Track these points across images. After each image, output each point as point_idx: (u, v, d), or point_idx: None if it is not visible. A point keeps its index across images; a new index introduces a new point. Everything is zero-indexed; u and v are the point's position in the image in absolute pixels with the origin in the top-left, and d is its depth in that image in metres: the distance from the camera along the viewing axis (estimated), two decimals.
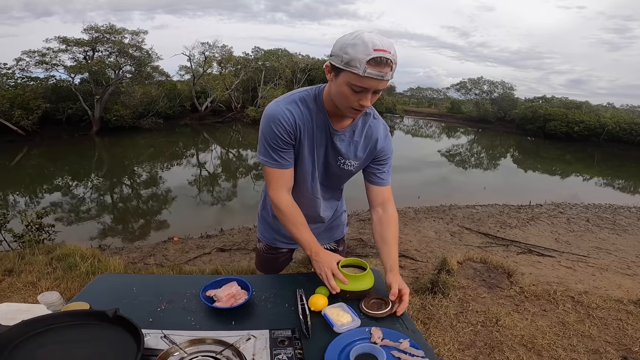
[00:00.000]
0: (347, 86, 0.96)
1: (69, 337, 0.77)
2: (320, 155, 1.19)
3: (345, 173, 1.24)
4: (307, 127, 1.12)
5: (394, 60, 0.92)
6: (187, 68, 22.46)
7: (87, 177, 11.14)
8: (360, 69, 0.90)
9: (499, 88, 32.66)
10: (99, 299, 1.08)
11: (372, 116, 1.20)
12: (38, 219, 4.26)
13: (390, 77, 0.94)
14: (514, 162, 17.76)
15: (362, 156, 1.20)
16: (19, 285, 2.45)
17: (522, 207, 7.92)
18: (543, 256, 4.80)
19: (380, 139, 1.20)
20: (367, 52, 0.89)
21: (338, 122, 1.14)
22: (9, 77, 17.80)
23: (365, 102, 0.97)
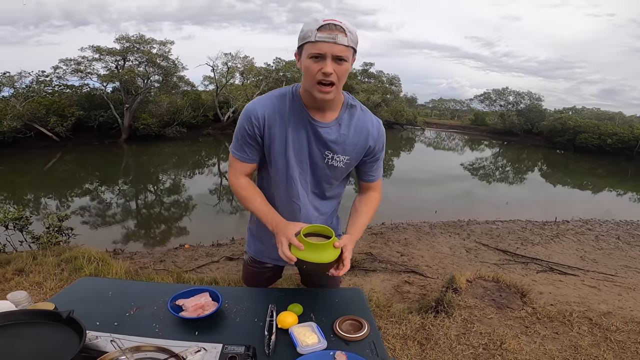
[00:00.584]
0: (307, 59, 1.00)
1: (17, 334, 0.80)
2: (303, 151, 1.13)
3: (333, 171, 1.17)
4: (282, 118, 1.11)
5: (345, 27, 0.97)
6: (211, 78, 23.18)
7: (113, 183, 11.60)
8: (312, 37, 0.97)
9: (526, 99, 31.54)
10: (72, 301, 1.10)
11: (359, 108, 1.17)
12: (59, 222, 4.45)
13: (345, 42, 0.97)
14: (541, 176, 17.07)
15: (352, 151, 1.15)
16: (25, 284, 2.55)
17: (547, 223, 7.56)
18: (565, 275, 4.57)
19: (371, 134, 1.16)
20: (317, 23, 0.97)
21: (320, 115, 1.12)
22: (46, 85, 18.96)
23: (326, 69, 0.98)
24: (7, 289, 2.63)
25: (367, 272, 4.33)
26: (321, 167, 1.16)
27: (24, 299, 0.94)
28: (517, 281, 3.07)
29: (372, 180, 1.27)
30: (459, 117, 42.45)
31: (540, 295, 3.12)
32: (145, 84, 19.63)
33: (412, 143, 26.95)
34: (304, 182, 1.19)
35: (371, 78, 32.25)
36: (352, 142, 1.14)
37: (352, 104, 1.16)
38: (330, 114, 1.12)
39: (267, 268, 1.40)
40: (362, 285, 3.82)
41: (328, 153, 1.13)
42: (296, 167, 1.15)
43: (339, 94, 1.10)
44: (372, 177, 1.26)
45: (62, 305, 0.99)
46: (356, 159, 1.18)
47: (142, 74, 19.14)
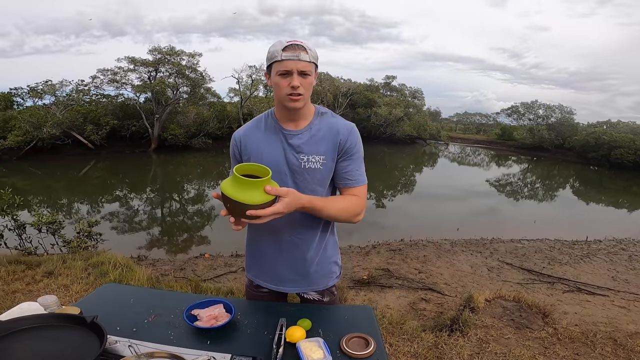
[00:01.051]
0: (276, 76, 1.13)
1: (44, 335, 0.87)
2: (280, 160, 1.19)
3: (313, 174, 1.19)
4: (257, 135, 1.24)
5: (306, 46, 1.11)
6: (236, 90, 23.85)
7: (141, 191, 12.08)
8: (279, 56, 1.10)
9: (557, 112, 30.27)
10: (96, 305, 1.17)
11: (330, 114, 1.27)
12: (89, 227, 4.68)
13: (307, 59, 1.10)
14: (573, 193, 16.33)
15: (325, 149, 1.19)
16: (53, 286, 2.70)
17: (577, 242, 7.23)
18: (594, 295, 4.41)
19: (342, 131, 1.21)
20: (282, 44, 1.11)
21: (293, 125, 1.22)
22: (85, 94, 20.09)
23: (294, 83, 1.10)
24: (36, 291, 2.80)
25: (382, 288, 4.30)
26: (300, 172, 1.20)
27: (53, 303, 1.02)
28: (539, 301, 2.99)
29: (351, 185, 1.23)
30: (485, 132, 41.36)
31: (565, 315, 3.03)
32: (175, 95, 20.45)
33: (435, 158, 26.50)
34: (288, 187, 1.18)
35: (393, 91, 32.17)
36: (322, 140, 1.20)
37: (323, 112, 1.27)
38: (302, 123, 1.22)
39: (264, 293, 1.37)
40: (376, 301, 3.79)
41: (303, 156, 1.19)
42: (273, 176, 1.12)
43: (309, 104, 1.22)
44: (349, 181, 1.23)
45: (87, 309, 1.07)
46: (333, 158, 1.20)
47: (172, 85, 19.95)
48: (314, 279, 1.32)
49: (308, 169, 1.20)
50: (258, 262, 1.34)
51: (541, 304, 2.86)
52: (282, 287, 1.32)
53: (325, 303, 1.36)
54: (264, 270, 1.33)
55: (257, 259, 1.34)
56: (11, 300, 2.56)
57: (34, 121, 16.60)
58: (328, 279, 1.35)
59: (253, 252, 1.35)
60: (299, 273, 1.30)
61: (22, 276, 3.02)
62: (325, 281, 1.34)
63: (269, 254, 1.29)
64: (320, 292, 1.35)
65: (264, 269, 1.32)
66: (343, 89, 27.11)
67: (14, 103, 19.76)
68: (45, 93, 18.95)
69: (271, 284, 1.32)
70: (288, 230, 1.24)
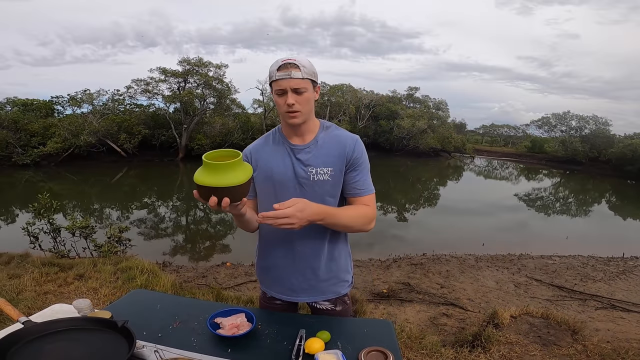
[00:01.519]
0: (275, 95, 1.19)
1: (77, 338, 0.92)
2: (288, 173, 1.24)
3: (321, 186, 1.22)
4: (266, 150, 1.29)
5: (299, 63, 1.14)
6: (260, 101, 24.36)
7: (168, 199, 12.49)
8: (274, 76, 1.16)
9: (591, 124, 29.07)
10: (125, 310, 1.23)
11: (334, 127, 1.31)
12: (119, 233, 4.87)
13: (300, 76, 1.14)
14: (609, 209, 15.51)
15: (332, 161, 1.22)
16: (83, 289, 2.83)
17: (612, 259, 6.95)
18: (629, 312, 4.24)
19: (348, 143, 1.24)
20: (277, 64, 1.16)
21: (299, 139, 1.27)
22: (120, 103, 21.10)
23: (288, 101, 1.15)
24: (67, 293, 2.93)
25: (402, 302, 4.24)
26: (309, 185, 1.23)
27: (87, 306, 1.08)
28: (569, 318, 2.88)
29: (359, 194, 1.26)
30: (514, 144, 40.15)
31: (597, 332, 2.91)
32: (202, 106, 21.13)
33: (460, 171, 25.86)
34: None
35: (416, 103, 31.88)
36: (329, 152, 1.23)
37: (327, 126, 1.31)
38: (308, 137, 1.26)
39: (278, 305, 1.39)
40: (396, 315, 3.74)
41: (311, 169, 1.22)
42: (283, 188, 1.24)
43: (311, 119, 1.25)
44: (357, 191, 1.26)
45: (117, 314, 1.12)
46: (340, 169, 1.23)
47: (200, 95, 20.66)
48: (325, 287, 1.33)
49: (317, 181, 1.23)
50: (269, 273, 1.36)
51: (571, 321, 2.76)
52: (295, 297, 1.34)
53: (337, 312, 1.36)
54: (276, 281, 1.35)
55: (268, 271, 1.36)
56: (42, 301, 2.69)
57: (73, 129, 17.60)
58: (340, 288, 1.36)
59: (264, 264, 1.37)
60: (310, 282, 1.31)
61: (54, 278, 3.18)
62: (337, 289, 1.36)
63: (280, 265, 1.31)
64: (333, 301, 1.36)
65: (276, 279, 1.35)
66: (365, 101, 27.10)
67: (54, 111, 21.07)
68: (83, 102, 20.08)
69: (284, 294, 1.34)
70: (298, 240, 1.26)
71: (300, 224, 1.07)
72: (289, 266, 1.30)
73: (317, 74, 1.22)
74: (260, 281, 1.43)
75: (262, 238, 1.35)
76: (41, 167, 17.24)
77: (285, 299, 1.35)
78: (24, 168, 16.64)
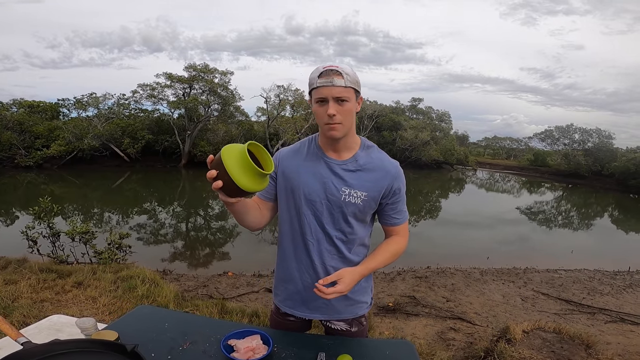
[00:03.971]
0: (315, 103, 1.11)
1: None
2: (318, 188, 1.16)
3: (350, 208, 1.16)
4: (298, 160, 1.21)
5: (342, 70, 1.07)
6: (264, 109, 24.38)
7: (168, 205, 12.42)
8: (315, 84, 1.09)
9: (594, 137, 29.02)
10: (131, 329, 1.15)
11: (376, 150, 1.23)
12: (119, 240, 4.80)
13: (343, 84, 1.06)
14: (612, 222, 15.40)
15: (370, 187, 1.15)
16: (81, 297, 2.74)
17: (618, 273, 6.95)
18: (638, 325, 4.25)
19: (390, 172, 1.17)
20: (318, 71, 1.09)
21: (336, 155, 1.18)
22: (125, 107, 21.15)
23: (330, 111, 1.06)
24: (64, 301, 2.84)
25: (408, 315, 4.16)
26: (337, 204, 1.16)
27: (91, 326, 1.00)
28: (582, 332, 2.83)
29: (395, 224, 1.23)
30: (516, 157, 40.11)
31: (608, 345, 2.84)
32: (206, 112, 21.18)
33: (462, 184, 25.77)
34: (319, 219, 1.18)
35: (420, 114, 31.94)
36: (369, 177, 1.15)
37: (369, 145, 1.22)
38: (346, 154, 1.18)
39: (290, 321, 1.32)
40: (402, 329, 3.66)
41: (345, 189, 1.15)
42: (309, 203, 1.17)
43: (352, 135, 1.17)
44: (396, 219, 1.23)
45: (123, 332, 1.05)
46: (374, 198, 1.16)
47: (204, 102, 20.71)
48: (342, 308, 1.27)
49: (347, 203, 1.15)
50: (287, 286, 1.28)
51: (584, 335, 2.71)
52: (310, 314, 1.28)
53: (352, 333, 1.30)
54: (292, 296, 1.28)
55: (285, 283, 1.29)
56: (39, 309, 2.61)
57: (77, 132, 17.65)
58: (358, 309, 1.30)
59: (282, 276, 1.30)
60: (327, 301, 1.23)
61: (52, 285, 3.10)
62: (354, 310, 1.29)
63: (298, 279, 1.24)
64: (349, 321, 1.30)
65: (293, 294, 1.27)
66: (369, 111, 27.13)
67: (60, 113, 21.16)
68: (89, 105, 20.18)
69: (298, 310, 1.28)
70: (319, 258, 1.21)
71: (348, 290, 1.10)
72: (306, 282, 1.23)
73: (360, 83, 1.14)
74: (275, 294, 1.36)
75: (282, 250, 1.28)
76: (44, 169, 17.24)
77: (299, 314, 1.29)
78: (27, 170, 16.64)
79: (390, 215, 1.22)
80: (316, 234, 1.19)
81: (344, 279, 1.06)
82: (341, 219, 1.17)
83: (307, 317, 1.29)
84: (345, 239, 1.20)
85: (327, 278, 1.06)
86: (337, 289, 1.04)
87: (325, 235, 1.19)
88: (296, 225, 1.20)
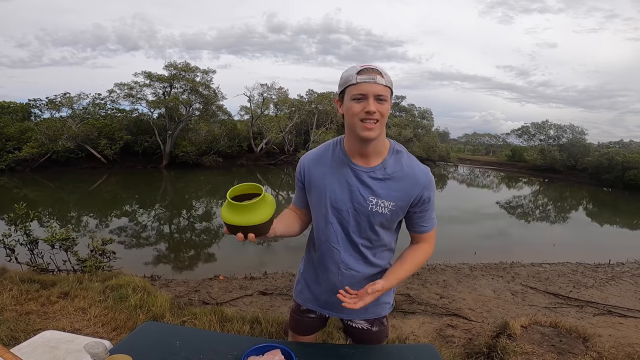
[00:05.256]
0: (350, 100, 1.05)
1: None
2: (344, 196, 1.14)
3: (377, 217, 1.13)
4: (323, 166, 1.18)
5: (381, 70, 1.05)
6: (247, 108, 24.09)
7: (150, 207, 12.04)
8: (353, 80, 1.04)
9: (568, 132, 30.00)
10: (143, 350, 1.06)
11: (405, 154, 1.17)
12: (102, 246, 4.58)
13: (384, 82, 1.03)
14: (587, 215, 16.02)
15: (398, 197, 1.12)
16: (70, 309, 2.58)
17: (600, 265, 7.16)
18: (625, 317, 4.36)
19: (420, 181, 1.13)
20: (356, 69, 1.06)
21: (364, 161, 1.13)
22: (101, 107, 20.36)
23: (369, 108, 1.02)
24: (52, 313, 2.67)
25: (405, 314, 4.16)
26: (364, 213, 1.13)
27: (102, 351, 0.91)
28: (578, 326, 2.91)
29: (423, 232, 1.21)
30: (494, 153, 41.16)
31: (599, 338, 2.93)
32: (187, 112, 20.69)
33: (445, 180, 26.21)
34: (345, 228, 1.17)
35: (402, 112, 32.32)
36: (397, 187, 1.12)
37: (399, 150, 1.17)
38: (374, 160, 1.13)
39: (310, 318, 1.36)
40: (400, 328, 3.65)
41: (372, 198, 1.11)
42: (335, 212, 1.15)
43: (384, 137, 1.12)
44: (424, 227, 1.20)
45: (133, 353, 0.96)
46: (402, 207, 1.13)
47: (186, 101, 20.21)
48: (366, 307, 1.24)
49: (374, 213, 1.13)
50: (310, 288, 1.32)
51: (580, 329, 2.79)
52: (334, 313, 1.31)
53: (373, 333, 1.31)
54: (317, 296, 1.31)
55: (309, 286, 1.32)
56: (25, 322, 2.44)
57: (50, 133, 16.88)
58: (381, 309, 1.32)
59: (308, 278, 1.33)
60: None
61: (36, 296, 2.91)
62: (378, 310, 1.31)
63: (325, 283, 1.26)
64: (370, 321, 1.31)
65: (318, 294, 1.30)
66: None
67: (31, 114, 20.19)
68: (62, 105, 19.32)
69: (323, 308, 1.31)
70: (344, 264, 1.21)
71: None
72: (334, 285, 1.22)
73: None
74: (300, 292, 1.37)
75: (309, 254, 1.31)
76: (16, 172, 16.43)
77: (321, 312, 1.32)
78: None
79: (418, 223, 1.19)
80: (342, 241, 1.18)
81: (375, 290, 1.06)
82: (367, 227, 1.15)
83: (329, 315, 1.33)
84: (371, 245, 1.19)
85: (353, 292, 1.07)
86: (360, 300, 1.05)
87: (350, 243, 1.18)
88: (323, 231, 1.20)
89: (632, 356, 2.40)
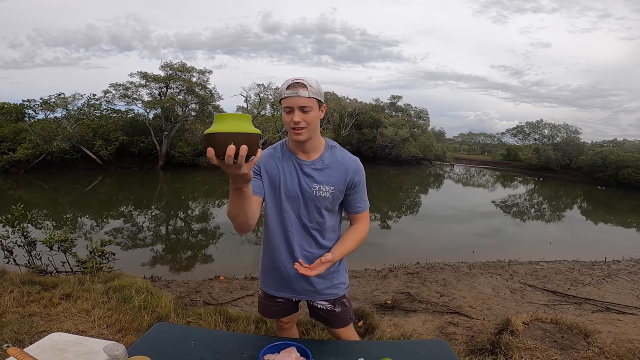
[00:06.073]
0: (283, 112, 1.28)
1: None
2: (294, 186, 1.34)
3: (322, 201, 1.35)
4: (275, 162, 1.36)
5: (306, 83, 1.22)
6: (244, 108, 23.98)
7: (147, 208, 11.98)
8: (283, 94, 1.24)
9: (562, 132, 30.34)
10: (158, 351, 1.06)
11: (339, 149, 1.41)
12: (101, 247, 4.55)
13: (307, 95, 1.21)
14: (582, 213, 16.19)
15: (335, 182, 1.34)
16: (73, 311, 2.56)
17: (596, 263, 7.25)
18: (624, 314, 4.42)
19: (351, 167, 1.36)
20: (286, 83, 1.24)
21: (305, 156, 1.35)
22: (96, 108, 20.16)
23: (295, 118, 1.22)
24: (55, 314, 2.65)
25: (407, 312, 4.19)
26: (311, 199, 1.34)
27: (122, 353, 0.91)
28: (577, 321, 2.96)
29: (358, 212, 1.43)
30: (490, 152, 41.43)
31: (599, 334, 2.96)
32: (184, 112, 20.57)
33: (441, 179, 26.34)
34: (297, 213, 1.37)
35: (399, 111, 32.39)
36: (333, 174, 1.34)
37: (332, 145, 1.40)
38: (313, 154, 1.35)
39: (279, 302, 1.52)
40: (403, 326, 3.67)
41: (315, 185, 1.33)
42: (288, 199, 1.35)
43: (316, 137, 1.33)
44: (359, 208, 1.43)
45: (149, 354, 0.96)
46: (340, 190, 1.36)
47: (182, 102, 20.09)
48: (323, 289, 1.47)
49: (318, 197, 1.34)
50: (272, 274, 1.48)
51: (581, 325, 2.83)
52: (296, 296, 1.49)
53: (337, 314, 1.50)
54: (278, 282, 1.47)
55: (270, 272, 1.48)
56: (29, 324, 2.42)
57: (45, 134, 16.72)
58: (337, 289, 1.50)
59: (267, 266, 1.49)
60: (310, 284, 1.44)
61: (37, 298, 2.89)
62: (334, 291, 1.49)
63: (283, 267, 1.42)
64: (331, 301, 1.50)
65: (278, 281, 1.46)
66: (349, 109, 27.26)
67: (25, 115, 19.98)
68: (57, 106, 19.12)
69: (286, 293, 1.48)
70: (299, 246, 1.39)
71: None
72: (290, 268, 1.39)
73: (324, 94, 1.30)
74: (263, 281, 1.54)
75: (267, 242, 1.45)
76: (11, 174, 16.27)
77: (286, 296, 1.49)
78: None
79: (353, 204, 1.42)
80: (295, 225, 1.37)
81: (327, 262, 1.25)
82: (315, 211, 1.36)
83: (294, 299, 1.51)
84: (320, 228, 1.39)
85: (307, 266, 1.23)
86: (322, 269, 1.24)
87: (302, 227, 1.38)
88: (279, 219, 1.37)
89: (633, 352, 2.43)
